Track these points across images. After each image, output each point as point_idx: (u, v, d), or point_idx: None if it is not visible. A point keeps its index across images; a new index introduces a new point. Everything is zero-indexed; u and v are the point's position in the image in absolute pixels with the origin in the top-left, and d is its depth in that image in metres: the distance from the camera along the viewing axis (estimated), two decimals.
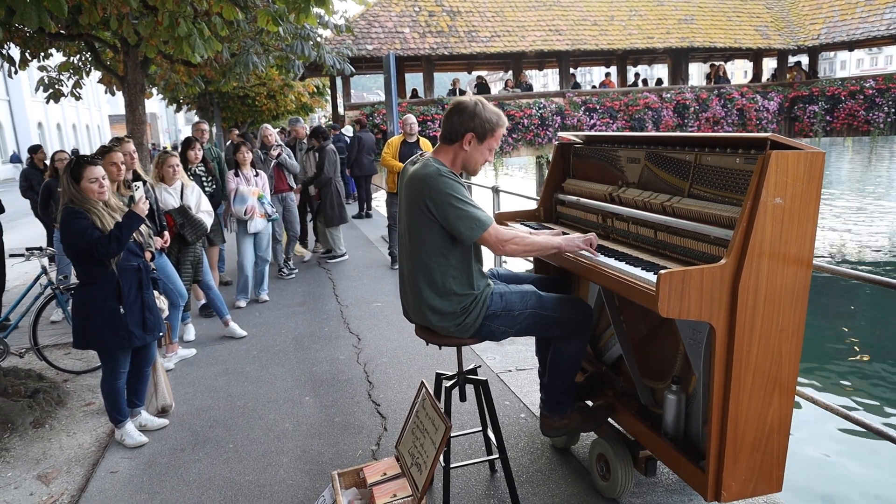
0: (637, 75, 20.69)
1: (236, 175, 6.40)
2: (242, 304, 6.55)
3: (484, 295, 2.66)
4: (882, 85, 17.17)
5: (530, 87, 18.53)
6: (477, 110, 2.58)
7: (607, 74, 20.96)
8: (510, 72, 20.24)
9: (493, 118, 2.60)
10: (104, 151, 4.17)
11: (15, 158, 34.39)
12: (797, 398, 2.50)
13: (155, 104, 43.48)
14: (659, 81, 20.52)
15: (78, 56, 8.62)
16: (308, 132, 8.85)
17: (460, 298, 2.61)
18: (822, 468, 5.78)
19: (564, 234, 2.98)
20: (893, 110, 17.01)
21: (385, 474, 2.81)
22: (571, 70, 19.52)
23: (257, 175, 6.53)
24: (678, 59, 19.13)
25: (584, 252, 2.69)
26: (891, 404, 7.25)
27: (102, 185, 3.46)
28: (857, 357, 8.65)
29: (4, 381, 4.26)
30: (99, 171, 3.45)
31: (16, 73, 7.34)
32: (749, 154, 2.29)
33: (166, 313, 4.21)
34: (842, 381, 7.85)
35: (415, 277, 2.64)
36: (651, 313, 2.76)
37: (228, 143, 9.24)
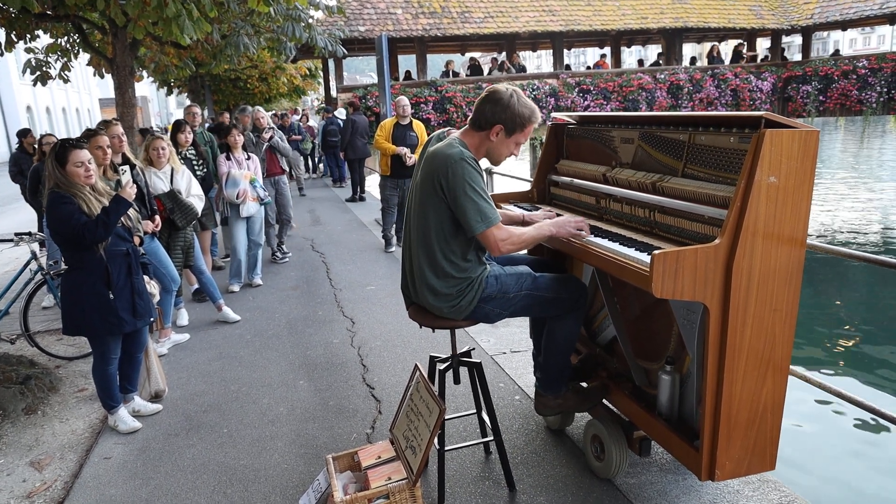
0: (660, 54, 20.20)
1: (228, 159, 6.34)
2: (236, 288, 6.53)
3: (480, 278, 2.64)
4: (874, 65, 17.13)
5: (524, 69, 18.40)
6: (511, 102, 2.53)
7: (602, 56, 20.83)
8: (503, 53, 20.09)
9: (525, 113, 2.55)
10: (90, 135, 4.10)
11: None
12: (790, 377, 2.50)
13: (146, 87, 43.07)
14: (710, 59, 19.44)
15: (66, 38, 8.49)
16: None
17: (456, 281, 2.59)
18: (816, 446, 5.82)
19: (559, 215, 2.96)
20: (886, 90, 16.98)
21: (380, 457, 2.81)
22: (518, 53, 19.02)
23: (249, 158, 6.47)
24: (672, 39, 19.01)
25: (576, 235, 2.68)
26: (884, 382, 7.30)
27: (89, 169, 3.40)
28: (850, 335, 8.70)
29: None
30: (85, 154, 3.39)
31: (1, 55, 7.23)
32: (743, 133, 2.27)
33: (157, 298, 4.17)
34: (834, 360, 7.90)
35: (417, 253, 2.64)
36: (645, 294, 2.75)
37: (211, 123, 9.15)
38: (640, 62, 20.83)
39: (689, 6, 18.66)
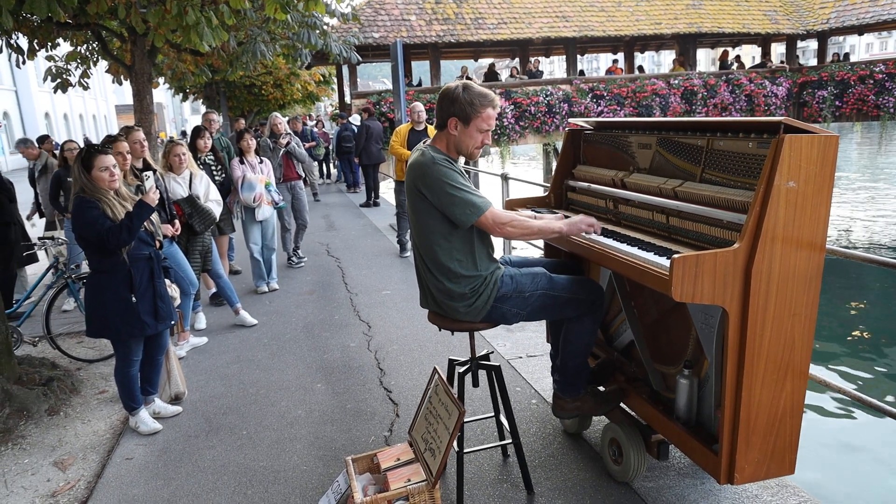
0: (737, 57, 20.03)
1: (241, 162, 6.41)
2: (265, 288, 6.71)
3: (494, 277, 2.67)
4: (892, 69, 16.97)
5: (541, 74, 18.43)
6: (456, 94, 2.59)
7: (615, 61, 20.81)
8: (517, 59, 20.12)
9: (475, 101, 2.59)
10: (111, 141, 4.18)
11: None
12: (810, 381, 2.50)
13: (161, 93, 43.40)
14: (720, 65, 19.43)
15: (85, 45, 8.61)
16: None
17: (468, 280, 2.63)
18: (835, 451, 5.78)
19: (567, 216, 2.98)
20: None
21: (399, 459, 2.83)
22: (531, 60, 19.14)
23: (262, 162, 6.54)
24: (686, 45, 18.96)
25: (591, 235, 2.70)
26: None
27: (113, 174, 3.47)
28: (870, 340, 8.62)
29: (19, 369, 4.31)
30: (109, 160, 3.46)
31: (23, 63, 7.35)
32: (762, 138, 2.28)
33: (178, 301, 4.23)
34: (854, 365, 7.83)
35: (424, 261, 2.69)
36: (663, 298, 2.76)
37: (233, 133, 9.25)
38: (640, 68, 20.83)
39: (704, 11, 18.61)
